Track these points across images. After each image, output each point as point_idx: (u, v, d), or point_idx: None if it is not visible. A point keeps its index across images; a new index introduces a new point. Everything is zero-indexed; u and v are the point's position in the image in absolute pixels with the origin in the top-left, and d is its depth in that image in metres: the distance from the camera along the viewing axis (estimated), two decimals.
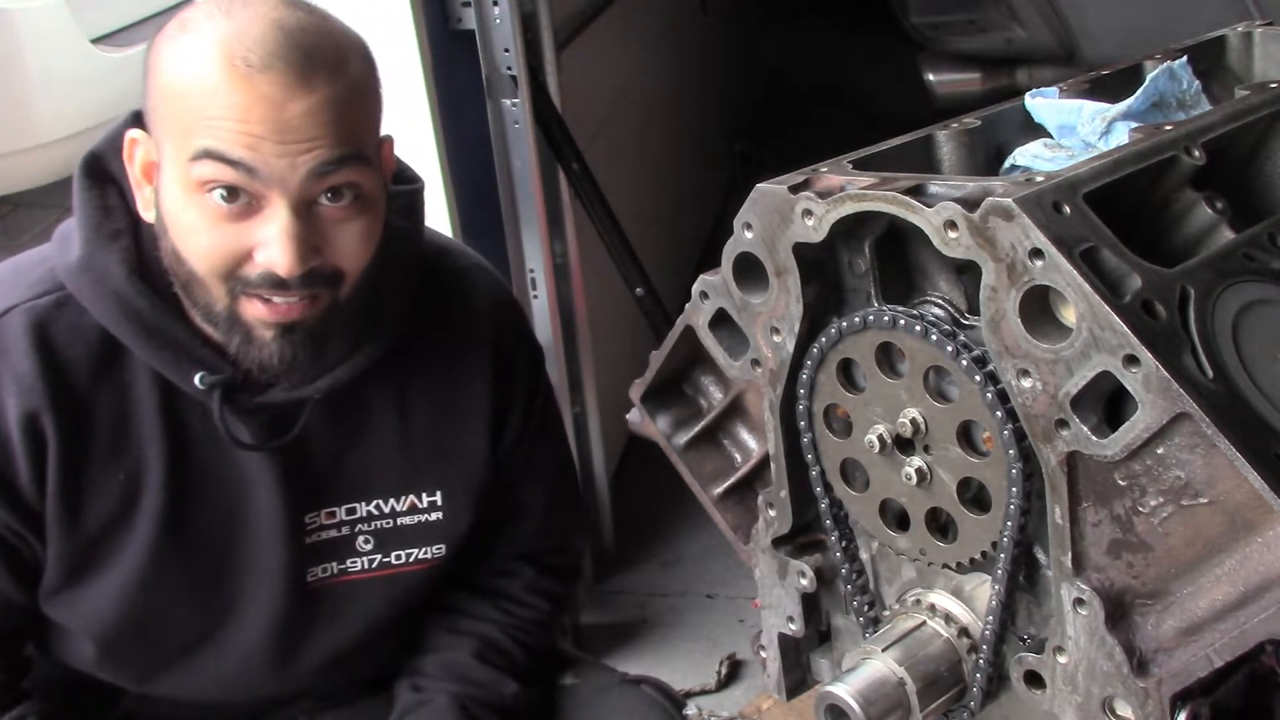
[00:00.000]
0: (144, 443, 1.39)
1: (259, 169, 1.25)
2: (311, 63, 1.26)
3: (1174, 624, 1.14)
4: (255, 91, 1.24)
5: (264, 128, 1.24)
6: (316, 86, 1.26)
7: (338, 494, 1.49)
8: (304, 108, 1.25)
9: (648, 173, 3.73)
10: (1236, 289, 1.14)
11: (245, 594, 1.47)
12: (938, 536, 1.29)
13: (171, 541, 1.42)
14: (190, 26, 1.28)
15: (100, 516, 1.40)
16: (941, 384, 1.23)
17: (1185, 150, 1.23)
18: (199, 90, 1.25)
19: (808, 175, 1.28)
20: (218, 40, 1.25)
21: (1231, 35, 1.63)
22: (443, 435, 1.52)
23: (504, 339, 1.55)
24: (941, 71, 3.99)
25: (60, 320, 1.36)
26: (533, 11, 2.44)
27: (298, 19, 1.28)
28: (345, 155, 1.29)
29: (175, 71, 1.27)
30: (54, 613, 1.46)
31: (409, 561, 1.53)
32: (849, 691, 1.26)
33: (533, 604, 1.65)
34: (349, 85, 1.30)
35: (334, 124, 1.27)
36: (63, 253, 1.38)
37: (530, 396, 1.59)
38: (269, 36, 1.25)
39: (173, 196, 1.30)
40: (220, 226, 1.28)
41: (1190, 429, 1.06)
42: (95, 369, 1.37)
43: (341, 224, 1.31)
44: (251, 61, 1.24)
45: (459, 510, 1.54)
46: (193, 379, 1.36)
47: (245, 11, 1.27)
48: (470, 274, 1.57)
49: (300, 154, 1.26)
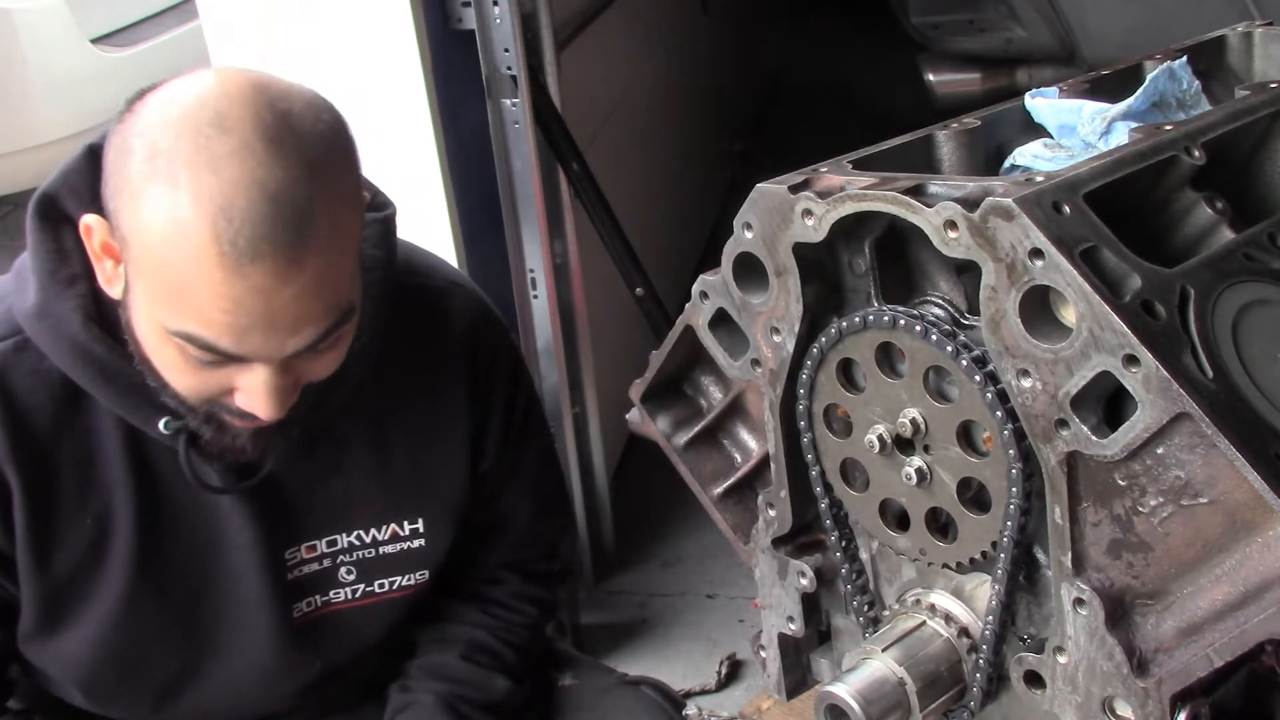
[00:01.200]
0: (111, 486, 1.37)
1: (244, 354, 1.21)
2: (302, 239, 1.16)
3: (1174, 624, 1.14)
4: (245, 283, 1.15)
5: (252, 318, 1.17)
6: (307, 264, 1.17)
7: (316, 527, 1.47)
8: (294, 292, 1.17)
9: (648, 173, 3.73)
10: (1236, 289, 1.14)
11: (228, 630, 1.46)
12: (938, 536, 1.29)
13: (145, 583, 1.41)
14: (171, 176, 1.15)
15: (70, 561, 1.38)
16: (941, 384, 1.23)
17: (1185, 150, 1.23)
18: (181, 268, 1.16)
19: (808, 175, 1.27)
20: (203, 213, 1.14)
21: (1231, 35, 1.63)
22: (421, 461, 1.51)
23: (480, 359, 1.53)
24: (941, 71, 3.98)
25: (20, 365, 1.33)
26: (533, 11, 2.44)
27: (284, 176, 1.16)
28: (333, 324, 1.23)
29: (153, 232, 1.16)
30: (34, 658, 1.45)
31: (392, 589, 1.53)
32: (849, 691, 1.26)
33: (520, 609, 1.65)
34: (339, 241, 1.21)
35: (323, 296, 1.21)
36: (19, 296, 1.33)
37: (509, 412, 1.56)
38: (257, 211, 1.14)
39: (148, 330, 1.24)
40: (200, 372, 1.24)
41: (1190, 429, 1.06)
42: (57, 413, 1.34)
43: (323, 354, 1.27)
44: (240, 247, 1.14)
45: (441, 535, 1.53)
46: (157, 424, 1.33)
47: (230, 167, 1.14)
48: (445, 294, 1.53)
49: (288, 337, 1.21)
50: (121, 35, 4.80)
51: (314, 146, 1.19)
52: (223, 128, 1.15)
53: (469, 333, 1.53)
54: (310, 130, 1.19)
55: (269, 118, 1.17)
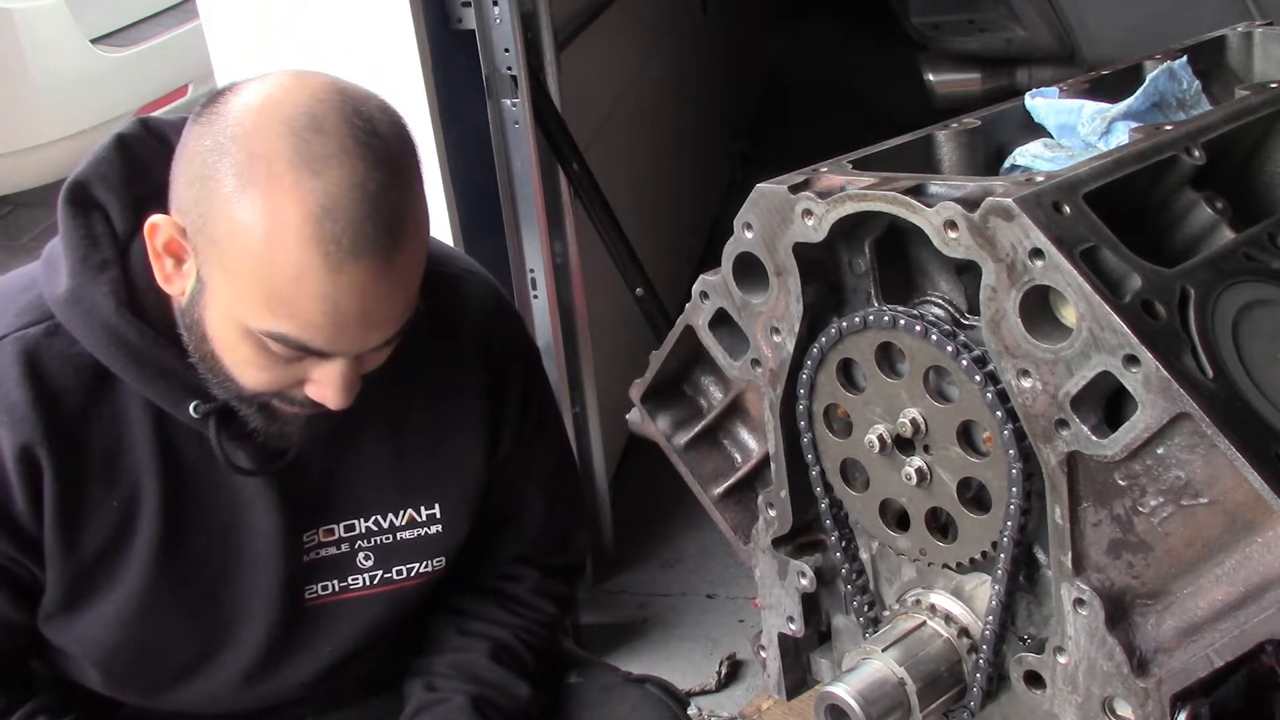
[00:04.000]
0: (138, 470, 1.39)
1: (334, 351, 1.26)
2: (395, 239, 1.21)
3: (1174, 624, 1.14)
4: (345, 280, 1.19)
5: (347, 317, 1.22)
6: (397, 263, 1.23)
7: (335, 511, 1.49)
8: (386, 291, 1.23)
9: (648, 173, 3.73)
10: (1236, 289, 1.14)
11: (243, 614, 1.47)
12: (938, 536, 1.29)
13: (167, 566, 1.42)
14: (271, 178, 1.18)
15: (96, 543, 1.39)
16: (941, 384, 1.23)
17: (1185, 150, 1.23)
18: (283, 268, 1.19)
19: (808, 175, 1.28)
20: (308, 214, 1.18)
21: (1231, 35, 1.63)
22: (438, 447, 1.52)
23: (496, 346, 1.54)
24: (941, 71, 3.98)
25: (51, 349, 1.35)
26: (533, 11, 2.44)
27: (380, 178, 1.20)
28: (407, 321, 1.29)
29: (253, 233, 1.19)
30: (54, 637, 1.46)
31: (409, 576, 1.53)
32: (849, 691, 1.26)
33: (539, 606, 1.65)
34: (420, 241, 1.27)
35: (405, 298, 1.26)
36: (50, 282, 1.35)
37: (525, 402, 1.58)
38: (359, 212, 1.19)
39: (224, 328, 1.27)
40: (276, 367, 1.28)
41: (1190, 429, 1.06)
42: (87, 398, 1.36)
43: (386, 348, 1.32)
44: (344, 246, 1.18)
45: (457, 521, 1.54)
46: (187, 408, 1.35)
47: (333, 170, 1.18)
48: (460, 281, 1.55)
49: (373, 333, 1.26)
50: (121, 35, 4.81)
51: (396, 149, 1.24)
52: (320, 131, 1.19)
53: (484, 319, 1.55)
54: (389, 133, 1.24)
55: (359, 122, 1.21)
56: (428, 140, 2.30)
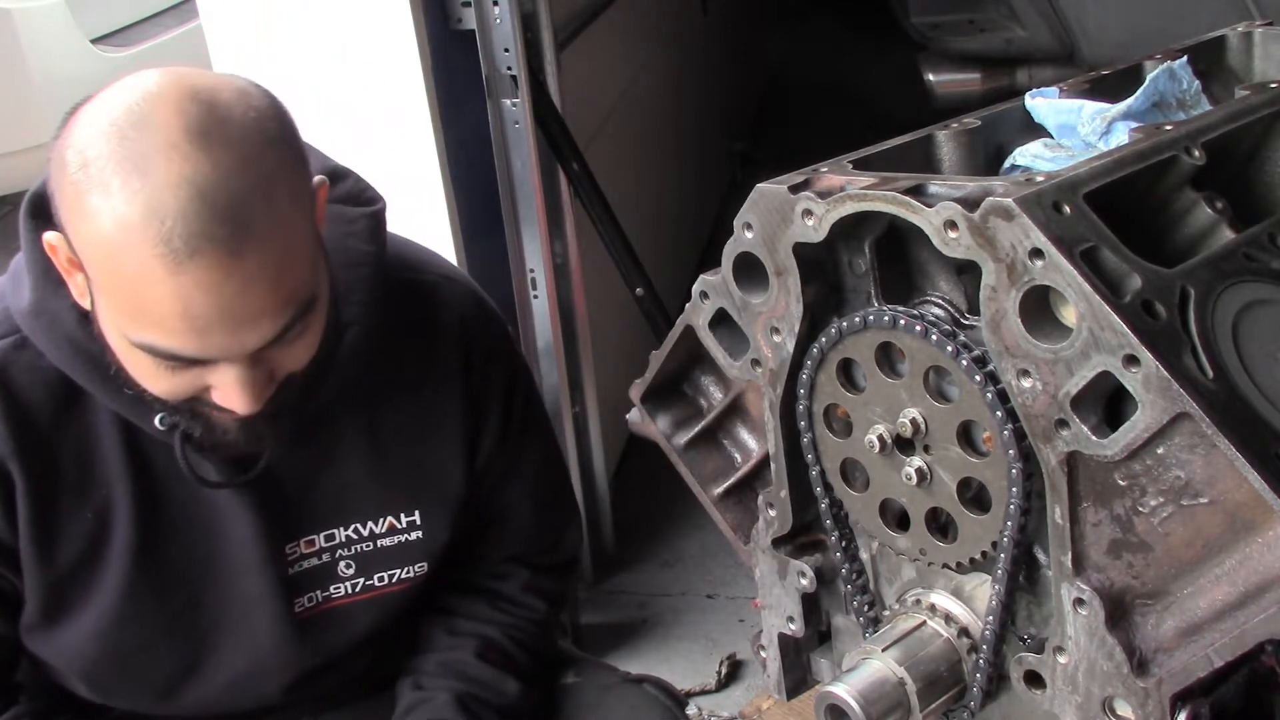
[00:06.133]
0: (110, 481, 1.38)
1: (206, 357, 1.20)
2: (240, 230, 1.14)
3: (1174, 624, 1.14)
4: (189, 280, 1.13)
5: (205, 318, 1.16)
6: (249, 256, 1.15)
7: (314, 521, 1.48)
8: (240, 285, 1.15)
9: (648, 173, 3.73)
10: (1236, 289, 1.14)
11: (229, 626, 1.47)
12: (938, 536, 1.29)
13: (144, 578, 1.41)
14: (102, 183, 1.14)
15: (72, 554, 1.39)
16: (941, 384, 1.23)
17: (1185, 150, 1.23)
18: (127, 275, 1.15)
19: (808, 175, 1.28)
20: (136, 215, 1.12)
21: (1231, 35, 1.63)
22: (416, 454, 1.51)
23: (475, 351, 1.53)
24: (941, 71, 3.98)
25: (19, 362, 1.34)
26: (533, 11, 2.44)
27: (213, 168, 1.14)
28: (293, 316, 1.21)
29: (96, 242, 1.16)
30: (37, 649, 1.46)
31: (392, 582, 1.53)
32: (849, 691, 1.26)
33: (529, 604, 1.65)
34: (283, 229, 1.18)
35: (278, 287, 1.19)
36: (15, 295, 1.34)
37: (506, 408, 1.56)
38: (190, 207, 1.12)
39: (116, 341, 1.24)
40: (173, 376, 1.23)
41: (1190, 429, 1.06)
42: (56, 410, 1.36)
43: (292, 344, 1.26)
44: (177, 246, 1.12)
45: (438, 528, 1.53)
46: (152, 420, 1.34)
47: (156, 166, 1.13)
48: (437, 288, 1.53)
49: (247, 333, 1.19)
50: (121, 35, 4.81)
51: (246, 135, 1.17)
52: (145, 128, 1.14)
53: (462, 326, 1.53)
54: (241, 119, 1.18)
55: (194, 111, 1.15)
56: (428, 140, 2.30)
